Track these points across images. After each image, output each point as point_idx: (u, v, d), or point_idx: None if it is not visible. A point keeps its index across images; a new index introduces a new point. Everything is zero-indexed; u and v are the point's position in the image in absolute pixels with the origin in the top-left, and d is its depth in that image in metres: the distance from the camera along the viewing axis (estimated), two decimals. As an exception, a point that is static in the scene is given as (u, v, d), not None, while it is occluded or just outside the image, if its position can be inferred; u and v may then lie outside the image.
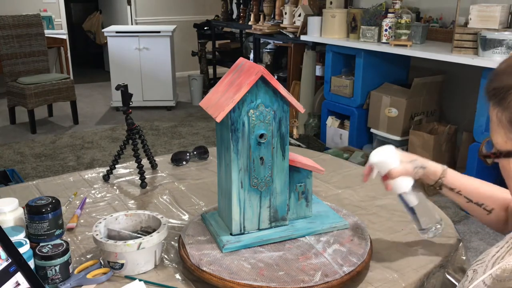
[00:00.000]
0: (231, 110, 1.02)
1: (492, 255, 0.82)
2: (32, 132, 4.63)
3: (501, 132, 0.78)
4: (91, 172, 1.61)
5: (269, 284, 0.96)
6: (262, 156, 1.09)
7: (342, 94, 3.77)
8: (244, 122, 1.05)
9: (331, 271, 1.00)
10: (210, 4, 7.31)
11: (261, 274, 0.99)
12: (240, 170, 1.08)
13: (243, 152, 1.07)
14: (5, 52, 4.64)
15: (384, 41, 3.41)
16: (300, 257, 1.05)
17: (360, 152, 3.45)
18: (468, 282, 0.82)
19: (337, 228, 1.17)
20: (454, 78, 3.57)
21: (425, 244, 1.17)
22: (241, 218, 1.11)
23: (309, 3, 4.15)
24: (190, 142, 4.38)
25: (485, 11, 2.89)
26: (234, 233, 1.11)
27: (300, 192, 1.18)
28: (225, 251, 1.07)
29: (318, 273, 0.99)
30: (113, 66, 5.34)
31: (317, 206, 1.25)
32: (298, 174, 1.16)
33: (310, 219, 1.20)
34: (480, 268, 0.82)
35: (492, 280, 0.76)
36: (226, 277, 0.98)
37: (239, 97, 1.02)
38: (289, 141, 1.13)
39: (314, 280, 0.97)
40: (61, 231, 1.10)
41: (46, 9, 6.26)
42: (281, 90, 1.05)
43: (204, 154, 1.73)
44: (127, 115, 1.49)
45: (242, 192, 1.09)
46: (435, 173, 1.08)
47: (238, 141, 1.06)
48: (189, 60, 6.82)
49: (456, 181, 1.08)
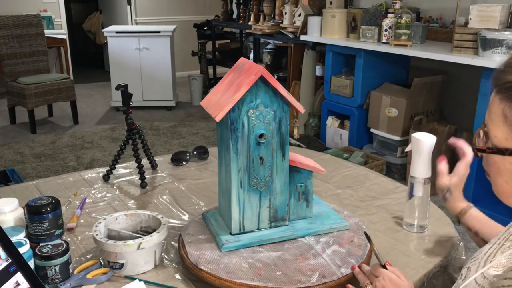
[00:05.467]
0: (230, 109, 1.03)
1: (484, 252, 0.81)
2: (32, 132, 4.63)
3: (504, 128, 0.74)
4: (91, 172, 1.61)
5: (266, 284, 0.96)
6: (262, 156, 1.09)
7: (342, 94, 3.77)
8: (244, 122, 1.05)
9: (328, 272, 1.00)
10: (210, 4, 7.32)
11: (258, 274, 0.99)
12: (239, 170, 1.08)
13: (242, 151, 1.07)
14: (5, 52, 4.64)
15: (384, 41, 3.41)
16: (298, 257, 1.05)
17: (360, 152, 3.45)
18: (461, 281, 0.81)
19: (337, 229, 1.16)
20: (454, 78, 3.57)
21: (425, 244, 1.17)
22: (241, 218, 1.11)
23: (309, 3, 4.14)
24: (190, 142, 4.38)
25: (485, 11, 2.89)
26: (233, 233, 1.11)
27: (301, 192, 1.17)
28: (223, 250, 1.07)
29: (316, 274, 0.99)
30: (113, 66, 5.34)
31: (318, 207, 1.25)
32: (299, 174, 1.16)
33: (311, 219, 1.19)
34: (473, 266, 0.81)
35: (483, 279, 0.75)
36: (224, 276, 0.98)
37: (239, 97, 1.02)
38: (289, 141, 1.13)
39: (311, 281, 0.97)
40: (61, 231, 1.10)
41: (46, 9, 6.26)
42: (281, 90, 1.05)
43: (204, 154, 1.73)
44: (127, 115, 1.49)
45: (242, 192, 1.09)
46: (455, 207, 1.11)
47: (238, 141, 1.06)
48: (189, 60, 6.82)
49: (476, 223, 1.08)
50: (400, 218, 1.27)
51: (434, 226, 1.24)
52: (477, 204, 2.65)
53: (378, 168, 3.29)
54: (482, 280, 0.75)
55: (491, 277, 0.74)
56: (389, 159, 3.46)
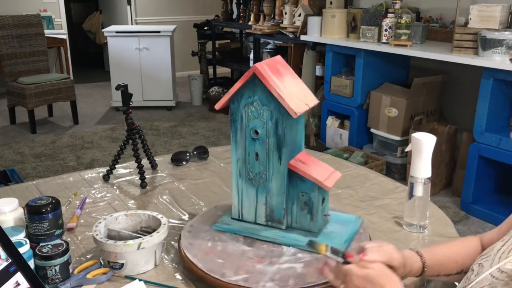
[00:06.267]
0: (231, 101, 1.09)
1: (497, 249, 0.83)
2: (32, 132, 4.63)
3: None
4: (91, 172, 1.61)
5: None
6: (257, 152, 1.10)
7: (342, 94, 3.77)
8: (242, 115, 1.09)
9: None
10: (210, 4, 7.32)
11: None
12: (238, 160, 1.13)
13: (241, 143, 1.11)
14: (5, 52, 4.64)
15: (384, 41, 3.41)
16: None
17: (360, 152, 3.45)
18: (474, 276, 0.83)
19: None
20: (454, 78, 3.57)
21: (425, 244, 1.17)
22: (239, 206, 1.15)
23: (309, 3, 4.14)
24: (190, 142, 4.38)
25: (485, 11, 2.89)
26: (233, 217, 1.16)
27: (303, 202, 1.10)
28: (213, 228, 1.15)
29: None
30: (113, 66, 5.34)
31: (336, 226, 1.14)
32: (302, 183, 1.09)
33: (313, 234, 1.10)
34: (486, 262, 0.83)
35: (500, 273, 0.78)
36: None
37: (233, 90, 1.07)
38: (302, 146, 1.13)
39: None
40: (61, 231, 1.10)
41: (46, 9, 6.26)
42: (272, 91, 1.03)
43: (204, 154, 1.73)
44: (127, 115, 1.49)
45: (240, 181, 1.14)
46: (416, 261, 0.93)
47: (237, 132, 1.11)
48: (189, 60, 6.82)
49: (434, 264, 0.94)
50: (400, 218, 1.27)
51: (434, 226, 1.24)
52: (477, 204, 2.67)
53: (378, 168, 3.29)
54: (499, 274, 0.78)
55: (509, 270, 0.77)
56: (389, 159, 3.46)
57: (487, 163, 2.92)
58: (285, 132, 1.06)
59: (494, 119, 2.87)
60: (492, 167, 2.95)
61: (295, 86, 1.10)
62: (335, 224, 1.15)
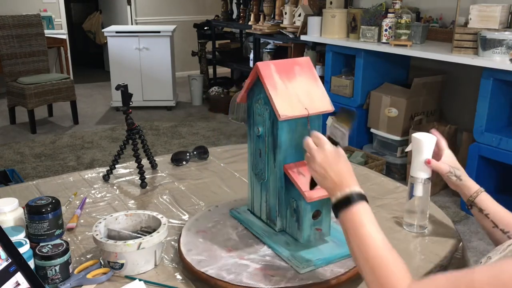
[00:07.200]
0: (247, 95, 1.13)
1: (508, 244, 0.84)
2: (32, 132, 4.63)
3: None
4: (91, 172, 1.61)
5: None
6: (260, 149, 1.11)
7: (342, 94, 3.77)
8: (254, 111, 1.11)
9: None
10: (210, 4, 7.31)
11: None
12: (251, 153, 1.15)
13: (252, 137, 1.13)
14: (5, 52, 4.64)
15: (384, 41, 3.41)
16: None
17: (360, 152, 3.45)
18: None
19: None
20: (454, 78, 3.57)
21: (425, 244, 1.17)
22: (251, 197, 1.18)
23: (309, 3, 4.14)
24: (190, 142, 4.38)
25: (485, 11, 2.89)
26: (248, 208, 1.21)
27: (292, 208, 1.06)
28: (229, 214, 1.22)
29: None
30: (113, 66, 5.34)
31: (328, 247, 1.05)
32: (294, 189, 1.03)
33: (297, 246, 1.05)
34: (494, 256, 0.85)
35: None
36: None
37: (246, 86, 1.10)
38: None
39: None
40: (61, 231, 1.10)
41: (46, 9, 6.26)
42: (266, 90, 1.02)
43: (204, 154, 1.73)
44: (127, 115, 1.49)
45: (252, 175, 1.16)
46: (469, 189, 1.13)
47: (251, 126, 1.13)
48: (189, 60, 6.82)
49: (488, 205, 1.09)
50: (400, 218, 1.27)
51: (434, 226, 1.24)
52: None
53: (378, 168, 3.29)
54: None
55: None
56: (389, 159, 3.46)
57: (487, 163, 2.92)
58: (278, 133, 1.03)
59: (494, 119, 2.87)
60: (492, 167, 2.95)
61: (303, 89, 1.04)
62: (331, 242, 1.07)
